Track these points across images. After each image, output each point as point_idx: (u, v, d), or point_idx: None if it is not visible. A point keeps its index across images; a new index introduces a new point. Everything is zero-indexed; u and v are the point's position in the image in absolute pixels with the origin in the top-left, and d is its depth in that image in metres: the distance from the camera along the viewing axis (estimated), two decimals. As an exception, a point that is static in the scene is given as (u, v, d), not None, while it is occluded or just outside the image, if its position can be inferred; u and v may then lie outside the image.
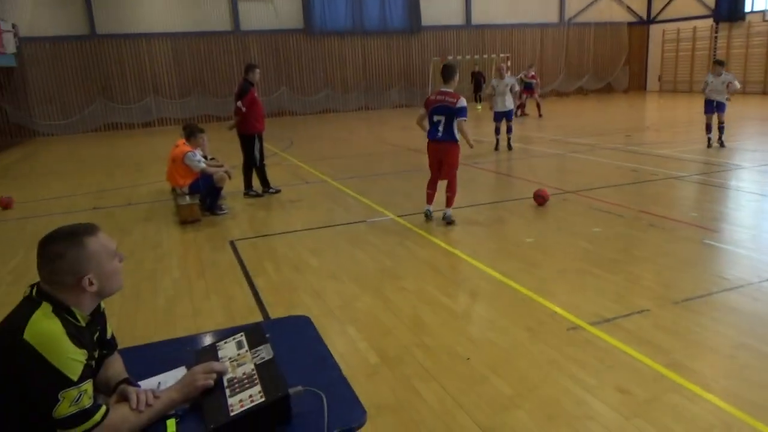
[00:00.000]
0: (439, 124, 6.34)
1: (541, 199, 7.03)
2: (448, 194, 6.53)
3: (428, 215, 6.66)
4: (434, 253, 5.57)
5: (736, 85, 10.62)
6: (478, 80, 22.26)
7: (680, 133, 12.65)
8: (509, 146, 11.39)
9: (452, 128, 6.26)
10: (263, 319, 4.18)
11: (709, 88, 10.76)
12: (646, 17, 28.39)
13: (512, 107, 11.44)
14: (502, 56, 24.50)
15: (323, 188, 8.84)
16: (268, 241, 6.30)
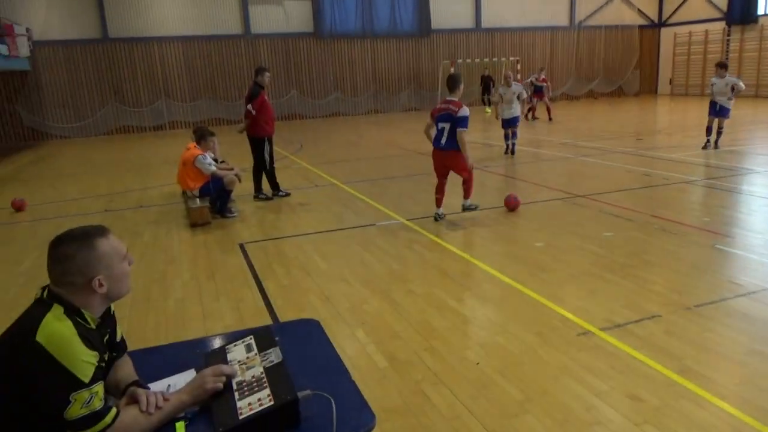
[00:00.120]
0: (443, 131, 6.39)
1: (512, 204, 7.00)
2: (464, 187, 6.69)
3: (438, 218, 6.66)
4: (443, 256, 5.56)
5: (741, 86, 10.68)
6: (487, 84, 22.27)
7: (692, 136, 12.53)
8: (512, 151, 11.35)
9: (456, 136, 6.30)
10: (272, 322, 4.19)
11: (714, 90, 10.86)
12: (657, 20, 28.25)
13: (518, 114, 11.47)
14: (512, 59, 24.47)
15: (333, 191, 8.86)
16: (277, 244, 6.32)
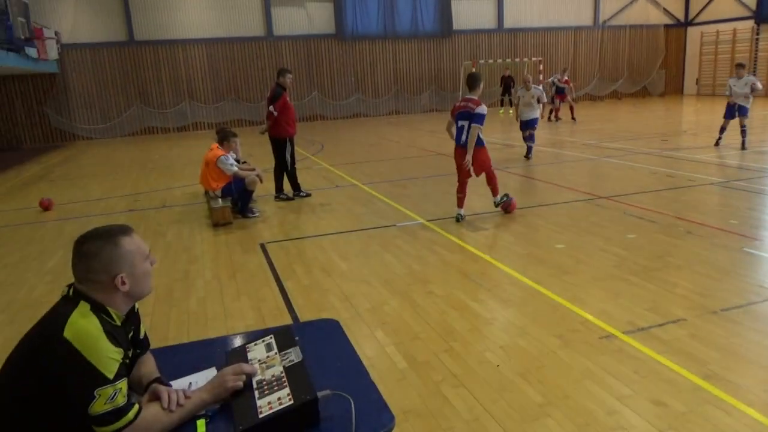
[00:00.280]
0: (462, 129, 6.45)
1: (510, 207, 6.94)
2: (490, 186, 6.77)
3: (459, 219, 6.64)
4: (464, 258, 5.53)
5: (758, 85, 10.74)
6: (507, 84, 22.12)
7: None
8: (528, 155, 11.01)
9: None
10: (292, 321, 4.21)
11: (732, 91, 10.88)
12: (683, 19, 27.77)
13: (536, 116, 11.23)
14: (534, 60, 24.28)
15: (353, 192, 8.88)
16: (298, 244, 6.36)
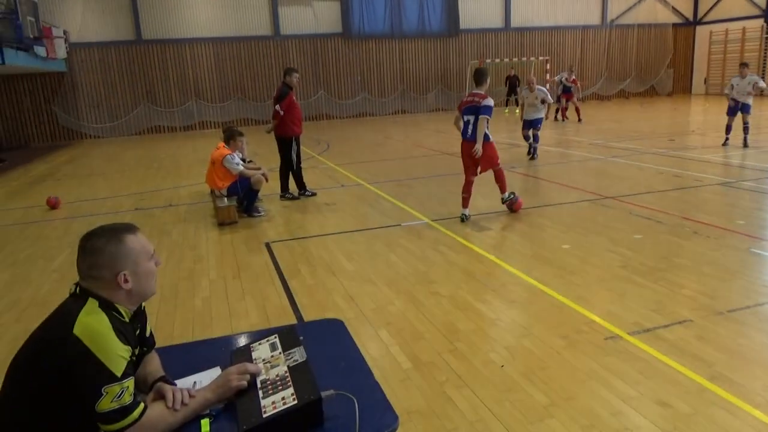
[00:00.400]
0: (469, 123, 6.51)
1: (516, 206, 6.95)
2: (498, 183, 6.79)
3: (464, 219, 6.64)
4: (468, 258, 5.53)
5: (762, 84, 11.06)
6: (512, 84, 22.06)
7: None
8: (533, 155, 10.94)
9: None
10: (297, 321, 4.22)
11: (735, 90, 11.20)
12: (692, 18, 27.60)
13: (541, 116, 11.13)
14: (541, 59, 24.20)
15: (359, 191, 8.88)
16: (303, 243, 6.37)
